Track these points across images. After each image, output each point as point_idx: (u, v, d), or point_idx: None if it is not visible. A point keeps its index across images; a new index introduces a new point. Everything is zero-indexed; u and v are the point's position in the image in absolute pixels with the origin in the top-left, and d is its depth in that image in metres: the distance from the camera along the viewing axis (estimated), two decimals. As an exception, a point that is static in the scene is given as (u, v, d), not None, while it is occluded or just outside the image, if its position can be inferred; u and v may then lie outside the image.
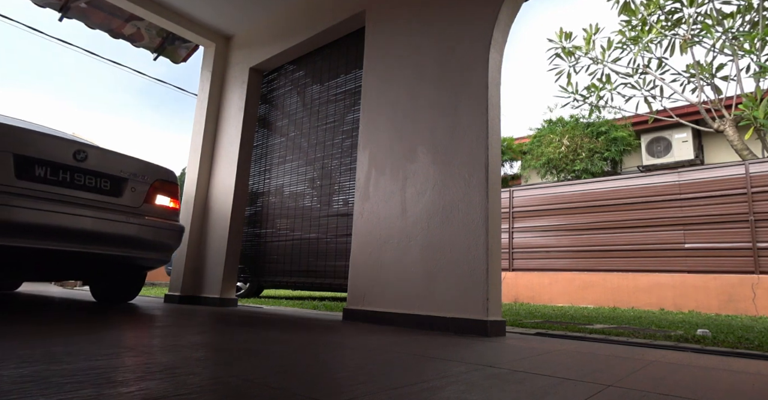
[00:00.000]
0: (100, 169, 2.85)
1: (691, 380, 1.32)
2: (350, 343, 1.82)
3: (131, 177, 3.02)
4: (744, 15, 7.98)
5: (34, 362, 1.15)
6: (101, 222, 2.73)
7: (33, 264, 2.87)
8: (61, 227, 2.55)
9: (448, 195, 2.63)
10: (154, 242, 3.07)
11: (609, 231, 7.60)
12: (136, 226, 2.95)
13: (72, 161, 2.70)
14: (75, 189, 2.69)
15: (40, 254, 2.58)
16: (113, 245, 2.84)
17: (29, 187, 2.49)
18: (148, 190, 3.11)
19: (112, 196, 2.90)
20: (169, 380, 1.02)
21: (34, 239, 2.46)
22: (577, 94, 9.77)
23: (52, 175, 2.61)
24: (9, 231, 2.36)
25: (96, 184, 2.82)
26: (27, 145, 2.53)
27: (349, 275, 3.03)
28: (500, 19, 2.70)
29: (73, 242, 2.63)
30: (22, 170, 2.48)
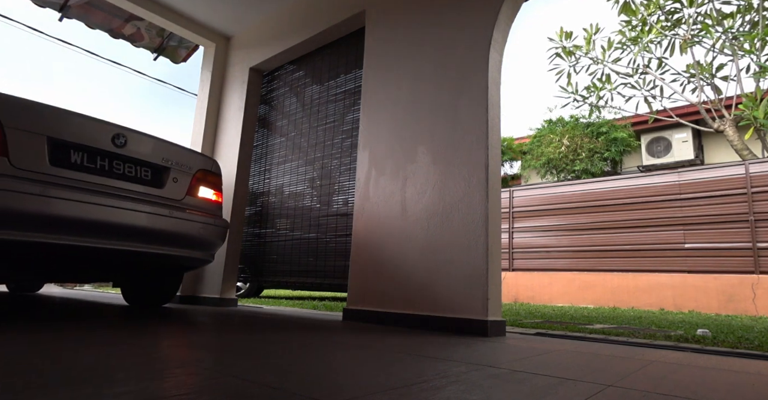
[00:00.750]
0: (140, 156, 2.56)
1: (691, 380, 1.32)
2: (350, 343, 1.82)
3: (173, 166, 2.73)
4: (744, 15, 7.98)
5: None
6: (143, 216, 2.45)
7: (66, 264, 2.60)
8: (101, 222, 2.27)
9: (448, 195, 2.63)
10: (200, 239, 2.77)
11: (609, 231, 7.60)
12: (180, 221, 2.65)
13: (110, 147, 2.42)
14: (113, 178, 2.42)
15: (75, 253, 2.29)
16: (156, 242, 2.56)
17: (64, 175, 2.21)
18: (190, 181, 2.82)
19: (154, 187, 2.61)
20: (168, 380, 1.02)
21: (71, 235, 2.18)
22: (577, 94, 9.77)
23: (89, 163, 2.34)
24: (43, 226, 2.08)
25: (136, 174, 2.54)
26: (62, 128, 2.26)
27: (349, 275, 3.03)
28: (500, 20, 2.70)
29: (113, 239, 2.35)
30: (57, 156, 2.22)
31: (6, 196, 1.95)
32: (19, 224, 1.99)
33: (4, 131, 2.04)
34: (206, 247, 2.88)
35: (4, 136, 2.04)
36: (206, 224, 2.81)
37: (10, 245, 2.03)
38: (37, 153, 2.15)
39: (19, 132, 2.09)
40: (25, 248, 2.10)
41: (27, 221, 2.02)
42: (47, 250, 2.19)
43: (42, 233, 2.09)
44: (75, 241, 2.20)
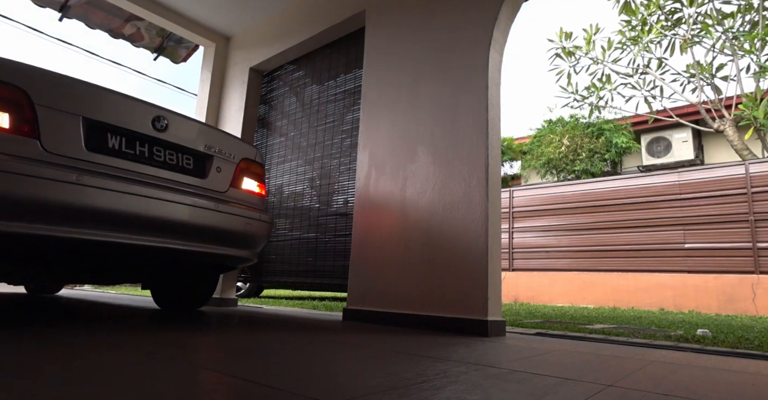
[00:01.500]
0: (182, 142, 2.33)
1: (691, 380, 1.31)
2: (350, 343, 1.82)
3: (216, 154, 2.50)
4: (744, 15, 7.98)
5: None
6: (187, 210, 2.21)
7: (100, 263, 2.34)
8: (142, 216, 2.03)
9: (448, 195, 2.63)
10: (245, 236, 2.54)
11: (609, 231, 7.60)
12: (226, 216, 2.40)
13: (151, 131, 2.19)
14: (154, 166, 2.19)
15: (113, 251, 2.07)
16: (200, 239, 2.32)
17: (101, 161, 1.98)
18: (234, 172, 2.59)
19: (196, 177, 2.38)
20: (166, 381, 1.02)
21: (108, 230, 1.94)
22: (577, 94, 9.77)
23: (128, 148, 2.11)
24: (78, 220, 1.84)
25: (178, 161, 2.31)
26: (99, 108, 2.02)
27: (349, 275, 3.03)
28: (500, 20, 2.69)
29: (155, 235, 2.12)
30: (93, 140, 1.99)
31: (37, 186, 1.71)
32: (52, 217, 1.76)
33: (34, 110, 1.80)
34: (252, 245, 2.64)
35: (35, 116, 1.80)
36: (252, 219, 2.56)
37: (40, 242, 1.80)
38: (72, 136, 1.90)
39: (52, 111, 1.86)
40: (57, 244, 1.87)
41: (60, 214, 1.78)
42: (81, 247, 1.95)
43: (76, 227, 1.84)
44: (113, 237, 1.96)
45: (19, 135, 1.74)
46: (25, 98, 1.79)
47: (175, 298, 3.26)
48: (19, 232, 1.68)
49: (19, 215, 1.67)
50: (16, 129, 1.74)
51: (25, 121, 1.77)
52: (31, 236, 1.73)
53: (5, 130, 1.71)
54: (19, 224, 1.67)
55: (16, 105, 1.76)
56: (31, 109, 1.79)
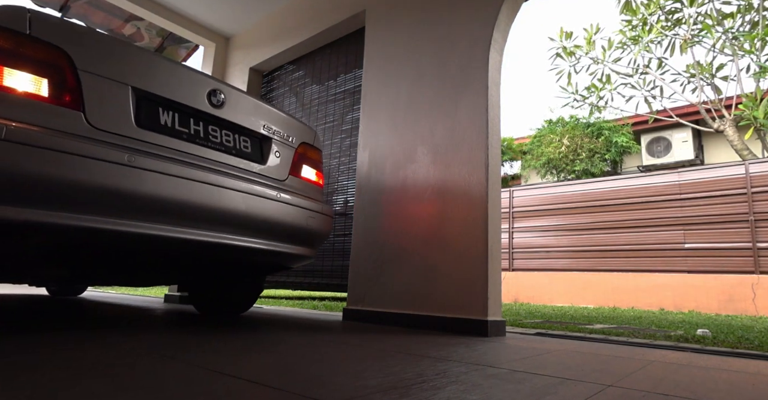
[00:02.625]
0: (240, 121, 2.06)
1: (691, 380, 1.31)
2: (350, 343, 1.82)
3: (275, 136, 2.22)
4: (744, 15, 7.99)
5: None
6: (247, 200, 1.92)
7: (147, 261, 2.06)
8: (201, 206, 1.74)
9: (448, 195, 2.63)
10: (308, 231, 2.25)
11: (609, 231, 7.60)
12: (288, 207, 2.11)
13: (207, 106, 1.92)
14: (209, 148, 1.91)
15: (164, 247, 1.78)
16: (259, 233, 2.03)
17: (153, 141, 1.71)
18: (293, 157, 2.31)
19: (254, 162, 2.11)
20: (164, 380, 1.02)
21: (162, 222, 1.67)
22: (577, 94, 9.78)
23: (182, 126, 1.84)
24: (130, 209, 1.56)
25: (235, 143, 2.04)
26: (150, 77, 1.76)
27: (349, 275, 3.03)
28: (500, 20, 2.69)
29: (213, 229, 1.83)
30: (144, 114, 1.72)
31: (82, 167, 1.43)
32: (99, 205, 1.49)
33: (78, 77, 1.54)
34: (313, 242, 2.36)
35: (78, 84, 1.54)
36: (314, 211, 2.27)
37: (84, 236, 1.52)
38: (120, 109, 1.64)
39: (98, 79, 1.60)
40: (103, 239, 1.59)
41: (109, 202, 1.51)
42: (132, 243, 1.67)
43: (127, 219, 1.57)
44: (169, 231, 1.69)
45: (61, 106, 1.49)
46: (68, 62, 1.53)
47: (217, 302, 2.95)
48: (58, 223, 1.41)
49: (61, 203, 1.41)
50: (57, 99, 1.49)
51: (67, 89, 1.52)
52: (73, 228, 1.46)
53: (44, 99, 1.46)
54: (60, 215, 1.41)
55: (56, 70, 1.51)
56: (74, 75, 1.53)
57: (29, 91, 1.43)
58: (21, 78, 1.43)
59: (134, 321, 2.40)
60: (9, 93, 1.39)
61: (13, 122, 1.33)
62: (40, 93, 1.46)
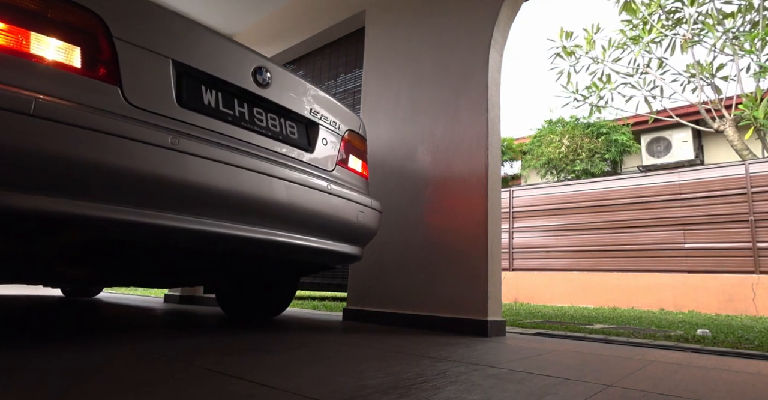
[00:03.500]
0: (287, 103, 1.86)
1: (691, 380, 1.32)
2: (350, 343, 1.82)
3: (322, 122, 2.02)
4: (744, 15, 7.99)
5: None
6: (298, 192, 1.70)
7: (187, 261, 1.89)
8: (247, 197, 1.53)
9: (448, 195, 2.63)
10: (357, 228, 2.05)
11: (609, 231, 7.60)
12: (338, 201, 1.90)
13: (252, 85, 1.72)
14: (255, 133, 1.71)
15: (209, 244, 1.58)
16: (310, 230, 1.83)
17: (196, 122, 1.51)
18: (340, 145, 2.11)
19: (302, 149, 1.90)
20: (162, 380, 1.02)
21: (208, 215, 1.47)
22: (577, 94, 9.78)
23: (226, 107, 1.65)
24: (174, 200, 1.37)
25: (281, 128, 1.84)
26: (192, 50, 1.55)
27: (349, 275, 3.03)
28: (500, 20, 2.69)
29: (261, 224, 1.63)
30: (186, 92, 1.53)
31: (122, 149, 1.23)
32: (138, 195, 1.30)
33: (114, 46, 1.35)
34: (362, 239, 2.16)
35: (114, 54, 1.35)
36: (364, 206, 2.07)
37: (122, 230, 1.32)
38: (160, 86, 1.44)
39: (136, 50, 1.40)
40: (144, 236, 1.38)
41: (150, 192, 1.31)
42: (173, 239, 1.46)
43: (171, 211, 1.37)
44: (214, 226, 1.49)
45: (95, 79, 1.30)
46: (102, 29, 1.33)
47: (249, 305, 2.76)
48: (97, 216, 1.22)
49: (97, 193, 1.23)
50: (91, 70, 1.30)
51: (102, 60, 1.33)
52: (113, 222, 1.26)
53: (76, 70, 1.27)
54: (98, 206, 1.23)
55: (90, 37, 1.31)
56: (109, 44, 1.34)
57: (59, 60, 1.24)
58: (50, 45, 1.23)
59: (136, 322, 2.40)
60: (36, 62, 1.19)
61: (41, 95, 1.12)
62: (71, 63, 1.26)
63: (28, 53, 1.19)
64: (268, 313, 2.80)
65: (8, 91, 1.08)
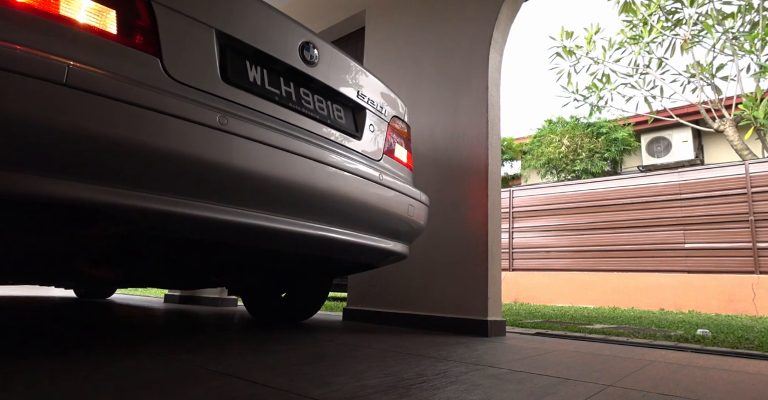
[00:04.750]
0: (334, 84, 1.68)
1: (691, 380, 1.31)
2: (350, 343, 1.82)
3: (369, 106, 1.84)
4: (744, 15, 7.99)
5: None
6: (350, 182, 1.52)
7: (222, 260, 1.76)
8: (299, 187, 1.35)
9: (448, 195, 2.63)
10: (407, 223, 1.86)
11: (609, 231, 7.60)
12: (391, 193, 1.72)
13: (299, 63, 1.53)
14: (302, 115, 1.53)
15: (256, 241, 1.44)
16: (362, 225, 1.68)
17: (241, 101, 1.33)
18: (386, 133, 1.93)
19: (350, 136, 1.72)
20: (159, 380, 1.02)
21: (257, 207, 1.31)
22: (577, 93, 9.78)
23: (272, 85, 1.46)
24: (223, 188, 1.21)
25: (329, 112, 1.66)
26: (236, 20, 1.37)
27: (349, 275, 3.03)
28: (500, 20, 2.69)
29: (312, 218, 1.47)
30: (231, 67, 1.34)
31: (166, 128, 1.07)
32: (182, 183, 1.14)
33: (152, 11, 1.19)
34: (411, 236, 1.99)
35: (153, 21, 1.19)
36: (414, 199, 1.88)
37: (164, 224, 1.18)
38: (204, 59, 1.27)
39: (176, 17, 1.23)
40: (188, 231, 1.25)
41: (196, 179, 1.16)
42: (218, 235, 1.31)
43: (220, 203, 1.22)
44: (265, 220, 1.32)
45: (132, 47, 1.14)
46: None
47: (278, 307, 2.59)
48: (139, 207, 1.07)
49: (136, 178, 1.07)
50: (128, 37, 1.14)
51: (140, 27, 1.17)
52: (155, 214, 1.11)
53: (111, 36, 1.11)
54: (139, 195, 1.08)
55: (126, 0, 1.17)
56: (147, 8, 1.19)
57: (92, 24, 1.09)
58: (82, 6, 1.08)
59: (136, 322, 2.40)
60: (67, 25, 1.04)
61: (71, 62, 0.96)
62: (105, 28, 1.11)
63: (58, 15, 1.03)
64: (299, 316, 2.60)
65: (38, 56, 0.91)
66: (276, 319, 2.61)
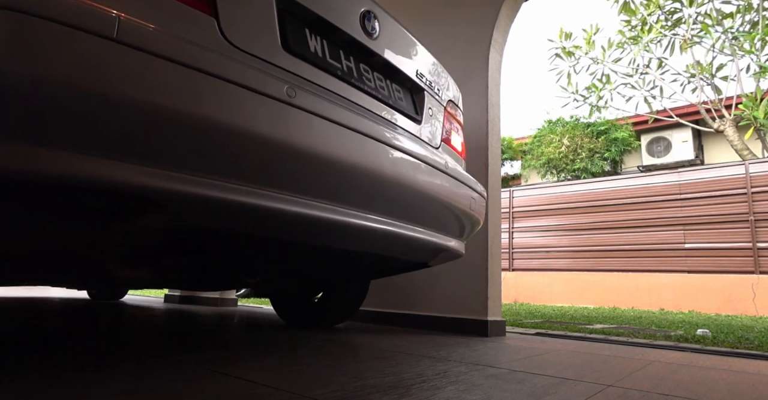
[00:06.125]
0: (395, 61, 1.48)
1: (691, 380, 1.31)
2: (350, 343, 1.82)
3: (428, 88, 1.65)
4: (744, 15, 7.99)
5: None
6: (420, 171, 1.36)
7: (296, 258, 1.60)
8: (371, 175, 1.18)
9: (448, 195, 2.63)
10: (469, 218, 1.67)
11: (609, 231, 7.60)
12: (456, 184, 1.54)
13: (361, 34, 1.34)
14: (365, 94, 1.34)
15: (322, 238, 1.29)
16: (429, 220, 1.52)
17: (303, 74, 1.14)
18: (443, 118, 1.75)
19: (411, 119, 1.53)
20: (161, 379, 1.02)
21: (329, 197, 1.14)
22: (577, 94, 9.79)
23: (333, 58, 1.26)
24: (290, 172, 1.03)
25: (389, 92, 1.47)
26: None
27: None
28: (500, 20, 2.69)
29: (381, 210, 1.31)
30: (291, 35, 1.16)
31: (227, 98, 0.89)
32: (246, 165, 0.97)
33: None
34: (470, 231, 1.81)
35: None
36: (476, 191, 1.69)
37: (223, 214, 1.00)
38: (263, 23, 1.09)
39: None
40: (247, 221, 1.06)
41: (259, 161, 0.98)
42: (279, 229, 1.15)
43: (277, 190, 1.03)
44: (337, 213, 1.17)
45: (186, 3, 0.95)
46: None
47: (312, 310, 2.40)
48: (190, 193, 0.89)
49: (194, 159, 0.89)
50: None
51: None
52: (212, 203, 0.92)
53: None
54: (193, 180, 0.89)
55: None
56: None
57: None
58: None
59: (136, 323, 2.40)
60: None
61: (124, 14, 0.79)
62: None
63: None
64: (335, 320, 2.41)
65: (86, 4, 0.74)
66: (310, 323, 2.41)
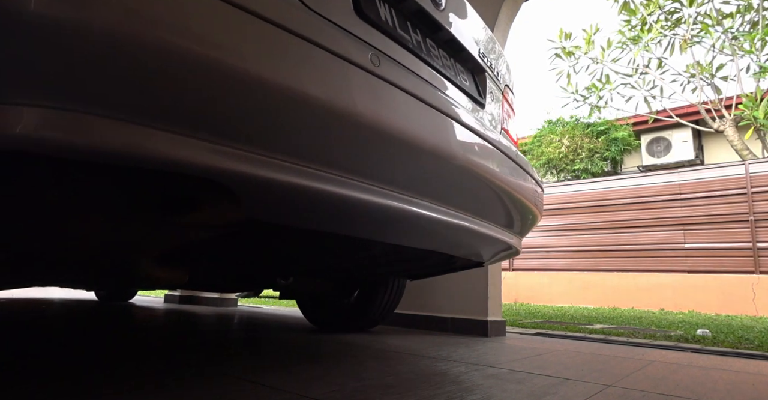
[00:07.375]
0: (461, 36, 1.32)
1: (691, 380, 1.31)
2: (350, 343, 1.82)
3: (489, 69, 1.49)
4: (744, 15, 8.00)
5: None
6: (493, 159, 1.20)
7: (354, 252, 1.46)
8: (449, 159, 1.03)
9: (448, 195, 2.63)
10: (534, 213, 1.52)
11: (609, 231, 7.60)
12: (523, 176, 1.39)
13: (428, 4, 1.18)
14: (433, 70, 1.17)
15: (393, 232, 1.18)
16: (498, 213, 1.38)
17: (374, 43, 0.98)
18: (502, 103, 1.58)
19: (476, 102, 1.37)
20: (168, 381, 1.02)
21: (397, 184, 0.98)
22: (577, 94, 9.79)
23: (402, 29, 1.11)
24: (368, 155, 0.89)
25: (454, 70, 1.29)
26: None
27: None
28: (500, 20, 2.69)
29: (453, 202, 1.17)
30: (363, 0, 1.00)
31: (311, 65, 0.76)
32: (327, 145, 0.83)
33: None
34: (529, 227, 1.65)
35: None
36: (538, 183, 1.54)
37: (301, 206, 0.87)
38: None
39: None
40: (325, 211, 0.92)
41: (343, 141, 0.84)
42: (354, 223, 1.04)
43: (360, 176, 0.89)
44: (412, 204, 1.03)
45: None
46: None
47: (345, 313, 2.24)
48: (270, 179, 0.75)
49: (264, 136, 0.75)
50: None
51: None
52: (294, 190, 0.78)
53: None
54: (281, 165, 0.76)
55: None
56: None
57: None
58: None
59: (135, 324, 2.40)
60: None
61: None
62: None
63: None
64: (371, 323, 2.25)
65: None
66: (344, 326, 2.24)
